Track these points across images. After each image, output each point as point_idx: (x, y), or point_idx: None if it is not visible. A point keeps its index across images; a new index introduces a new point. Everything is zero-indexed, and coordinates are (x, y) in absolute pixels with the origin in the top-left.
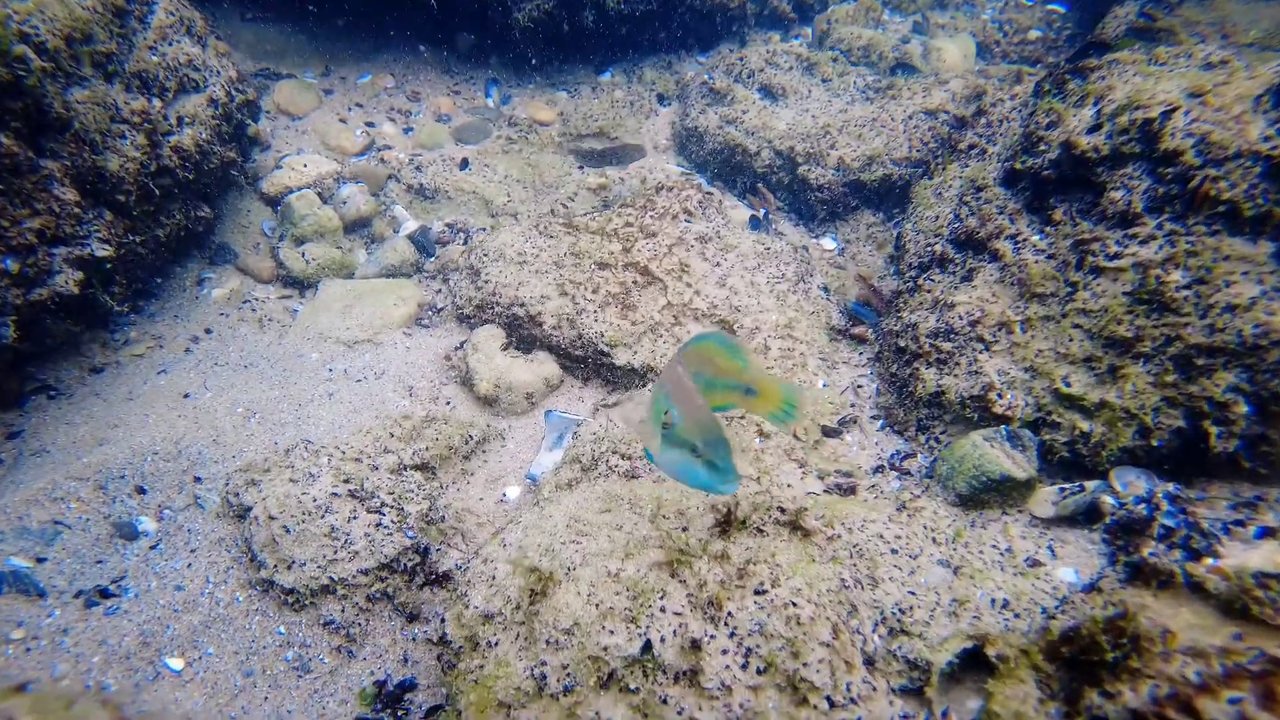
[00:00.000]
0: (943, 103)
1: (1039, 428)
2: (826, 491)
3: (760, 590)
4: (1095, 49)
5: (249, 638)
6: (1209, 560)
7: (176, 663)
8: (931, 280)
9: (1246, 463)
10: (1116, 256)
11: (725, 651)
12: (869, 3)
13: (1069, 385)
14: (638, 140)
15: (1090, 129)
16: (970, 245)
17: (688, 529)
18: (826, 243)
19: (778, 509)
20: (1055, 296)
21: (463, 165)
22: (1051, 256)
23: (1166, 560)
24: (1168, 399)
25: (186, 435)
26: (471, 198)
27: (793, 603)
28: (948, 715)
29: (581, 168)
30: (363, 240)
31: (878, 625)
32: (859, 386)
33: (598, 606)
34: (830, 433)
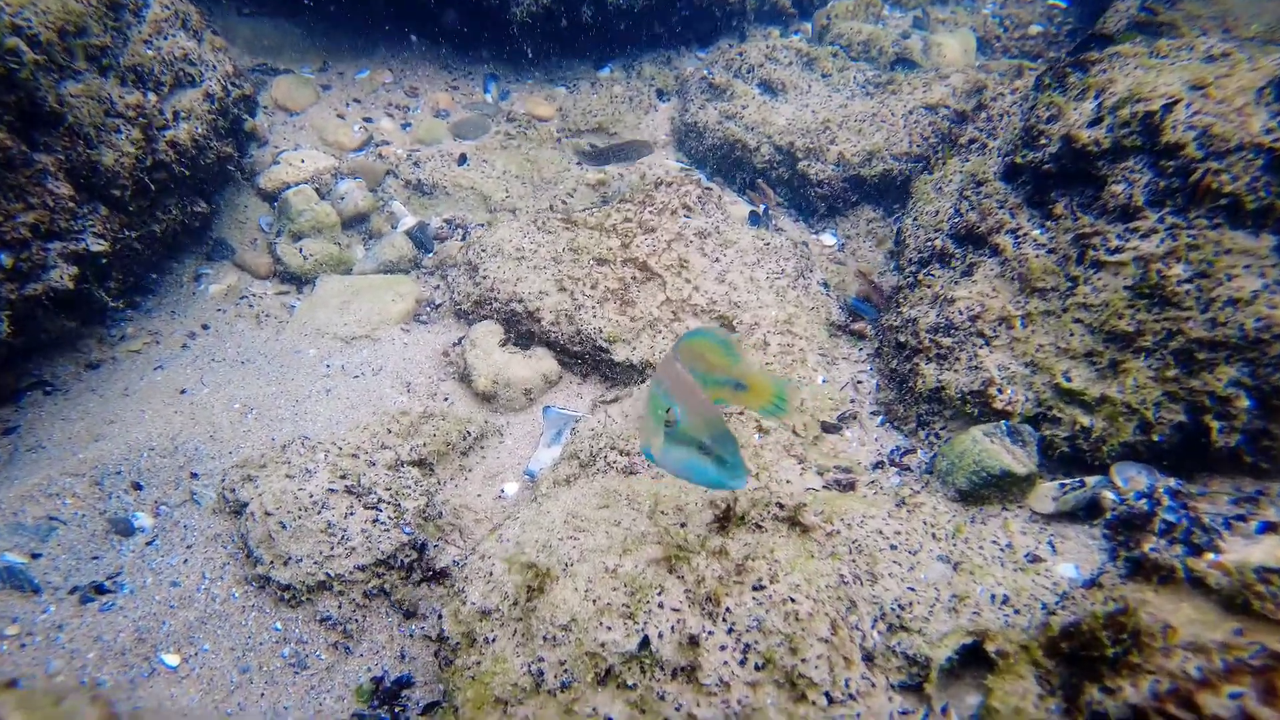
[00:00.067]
0: (943, 98)
1: (1039, 423)
2: (826, 487)
3: (759, 586)
4: (1096, 42)
5: (245, 634)
6: (1210, 555)
7: (172, 659)
8: (931, 275)
9: (1248, 457)
10: (1117, 250)
11: (723, 647)
12: None
13: (1070, 380)
14: (644, 136)
15: (1091, 122)
16: (970, 240)
17: (686, 525)
18: (826, 238)
19: (776, 505)
20: (1056, 291)
21: (461, 161)
22: (1052, 251)
23: (1167, 555)
24: (1169, 393)
25: (183, 431)
26: (470, 193)
27: (791, 599)
28: (947, 711)
29: (580, 164)
30: (360, 236)
31: (877, 621)
32: (859, 382)
33: (595, 602)
34: (830, 428)
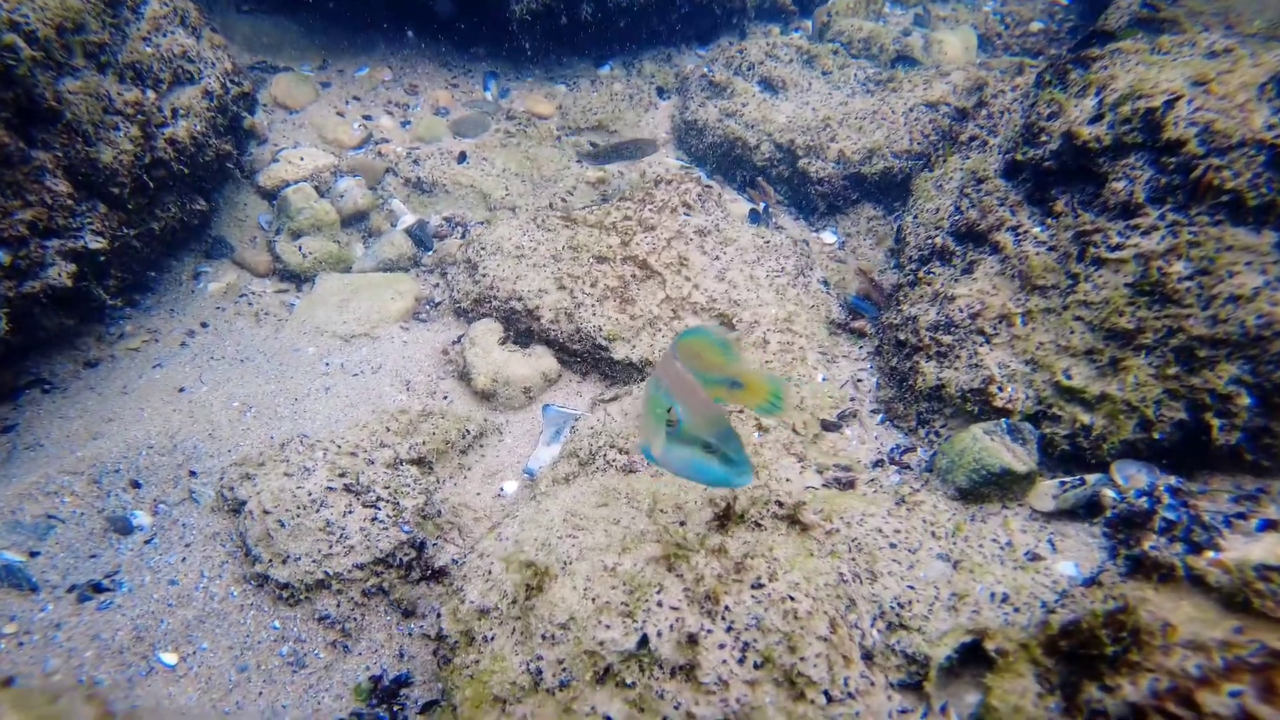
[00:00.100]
0: (944, 95)
1: (1040, 421)
2: (825, 486)
3: (758, 584)
4: (1098, 39)
5: (243, 633)
6: (1210, 553)
7: (170, 658)
8: (932, 273)
9: (1249, 455)
10: (1118, 248)
11: (722, 646)
12: None
13: (1070, 378)
14: (644, 134)
15: (1092, 119)
16: (971, 237)
17: (685, 523)
18: (827, 236)
19: (776, 503)
20: (1056, 288)
21: (460, 159)
22: (1053, 248)
23: (1167, 553)
24: (1169, 391)
25: (182, 429)
26: (469, 191)
27: (790, 597)
28: (946, 710)
29: (580, 162)
30: (360, 234)
31: (876, 620)
32: (859, 380)
33: (594, 601)
34: (830, 427)
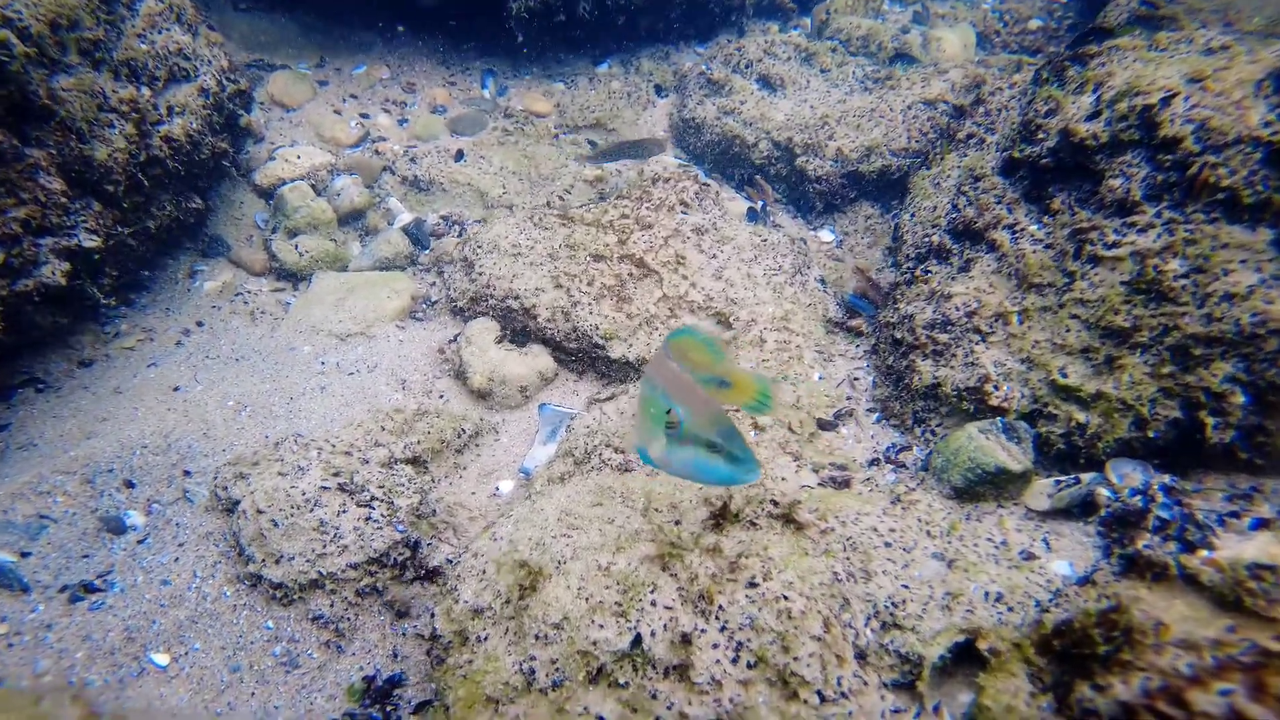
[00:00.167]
0: (942, 93)
1: (1035, 419)
2: (821, 484)
3: (752, 584)
4: (1096, 36)
5: (236, 633)
6: (1204, 552)
7: (162, 658)
8: (929, 271)
9: (1243, 454)
10: (1114, 245)
11: (716, 645)
12: None
13: (1066, 376)
14: (642, 132)
15: (1089, 116)
16: (968, 235)
17: (680, 522)
18: (825, 235)
19: (771, 502)
20: (1053, 287)
21: (458, 157)
22: (1049, 246)
23: (1161, 552)
24: (1164, 390)
25: (176, 429)
26: (466, 190)
27: (784, 596)
28: (939, 709)
29: (586, 161)
30: (357, 233)
31: (870, 619)
32: (855, 379)
33: (588, 601)
34: (826, 425)
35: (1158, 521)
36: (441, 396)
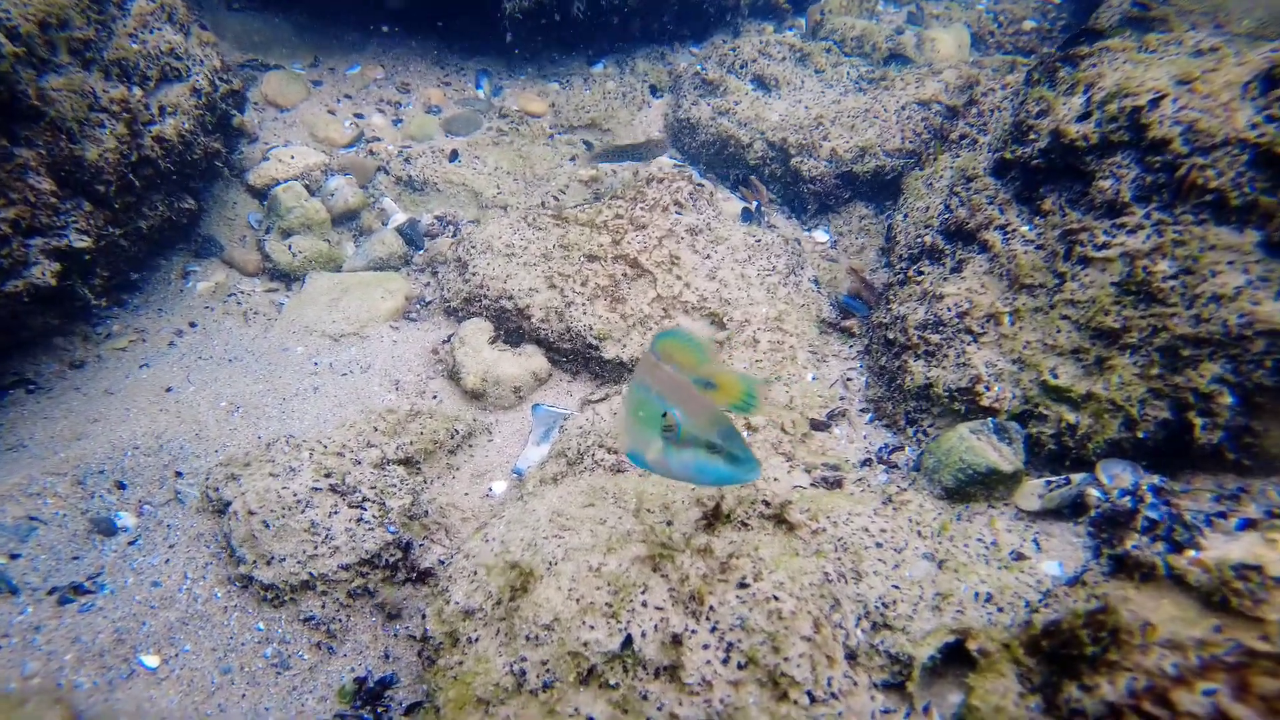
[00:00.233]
0: (935, 93)
1: (1026, 420)
2: (813, 485)
3: (743, 584)
4: (1087, 37)
5: (227, 634)
6: (1191, 552)
7: (152, 660)
8: (921, 272)
9: (1230, 454)
10: (1104, 246)
11: (706, 646)
12: None
13: (1056, 377)
14: (637, 133)
15: (1080, 117)
16: (960, 236)
17: (672, 523)
18: (819, 235)
19: (762, 502)
20: (1044, 287)
21: (452, 157)
22: (1040, 247)
23: (1149, 553)
24: (1154, 390)
25: (168, 430)
26: (461, 190)
27: (775, 597)
28: (929, 710)
29: (574, 159)
30: (350, 233)
31: (860, 619)
32: (848, 379)
33: (578, 601)
34: (818, 426)
35: (1146, 522)
36: (435, 397)
